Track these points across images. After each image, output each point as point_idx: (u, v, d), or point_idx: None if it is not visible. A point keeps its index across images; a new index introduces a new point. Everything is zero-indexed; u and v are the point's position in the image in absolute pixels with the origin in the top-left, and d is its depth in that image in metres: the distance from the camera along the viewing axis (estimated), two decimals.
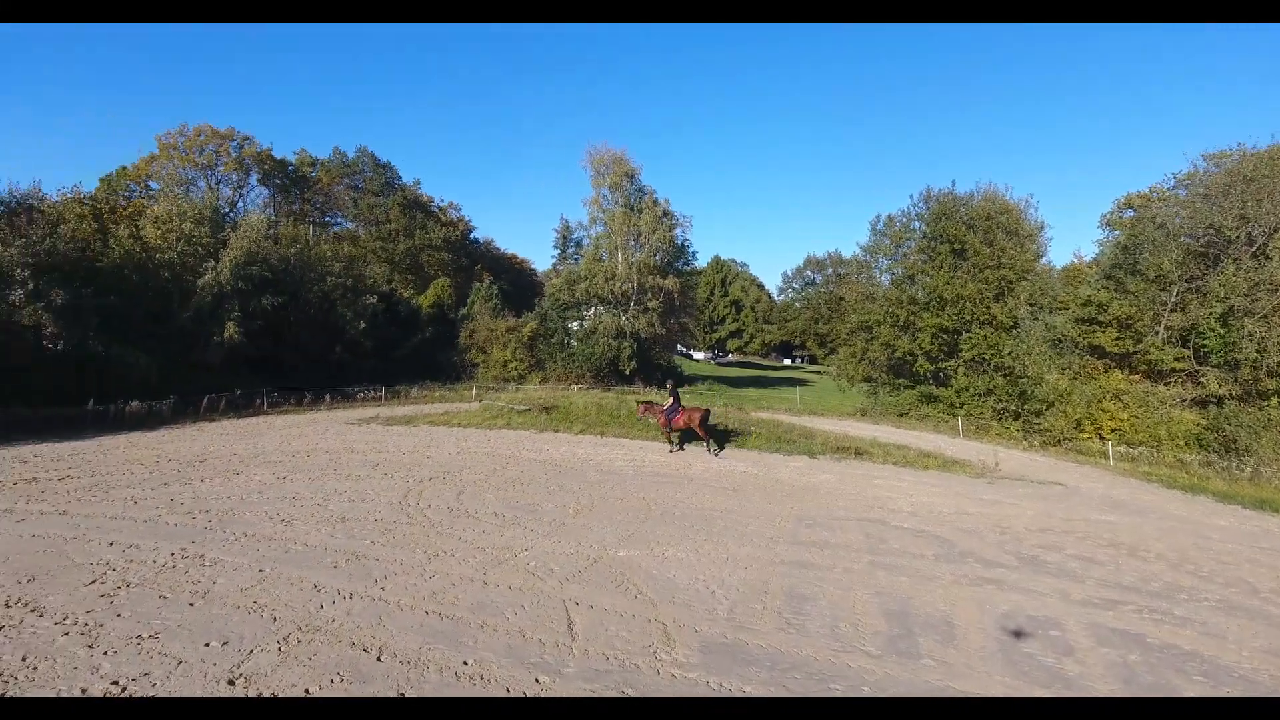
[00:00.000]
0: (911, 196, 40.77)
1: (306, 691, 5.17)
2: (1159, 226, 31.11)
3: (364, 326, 41.23)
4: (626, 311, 47.91)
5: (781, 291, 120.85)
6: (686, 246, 53.98)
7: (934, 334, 32.19)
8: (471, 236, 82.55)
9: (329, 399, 31.09)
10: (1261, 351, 24.33)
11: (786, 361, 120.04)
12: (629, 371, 45.24)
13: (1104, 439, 24.16)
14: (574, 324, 49.00)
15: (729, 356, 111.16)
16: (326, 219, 72.28)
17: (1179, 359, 27.38)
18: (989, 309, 30.97)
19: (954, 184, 35.47)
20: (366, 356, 41.25)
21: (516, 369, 44.98)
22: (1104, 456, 21.99)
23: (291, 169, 66.99)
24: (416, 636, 6.20)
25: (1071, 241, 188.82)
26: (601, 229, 50.65)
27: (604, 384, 41.77)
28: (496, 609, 6.94)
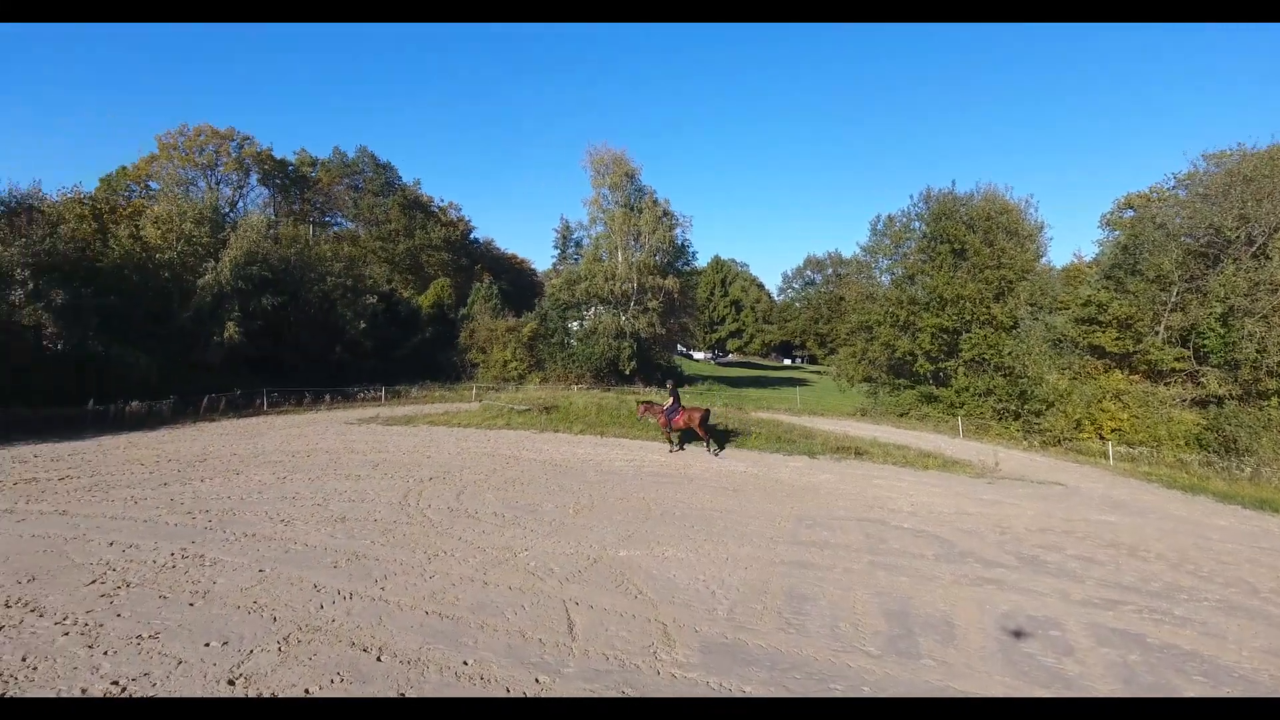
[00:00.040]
0: (911, 196, 40.82)
1: (306, 691, 5.16)
2: (1159, 226, 31.11)
3: (364, 326, 41.23)
4: (626, 311, 47.91)
5: (781, 291, 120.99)
6: (686, 246, 54.06)
7: (934, 334, 32.19)
8: (471, 237, 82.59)
9: (329, 399, 31.09)
10: (1261, 351, 24.32)
11: (786, 361, 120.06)
12: (629, 372, 45.24)
13: (1104, 439, 24.17)
14: (574, 324, 49.00)
15: (729, 356, 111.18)
16: (326, 219, 72.30)
17: (1179, 359, 27.38)
18: (989, 309, 30.97)
19: (954, 184, 35.55)
20: (366, 356, 41.25)
21: (516, 369, 44.99)
22: (1104, 456, 21.99)
23: (291, 169, 67.01)
24: (416, 636, 6.20)
25: (1071, 241, 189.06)
26: (601, 229, 50.67)
27: (604, 384, 41.77)
28: (496, 609, 6.94)
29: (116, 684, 5.18)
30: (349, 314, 40.85)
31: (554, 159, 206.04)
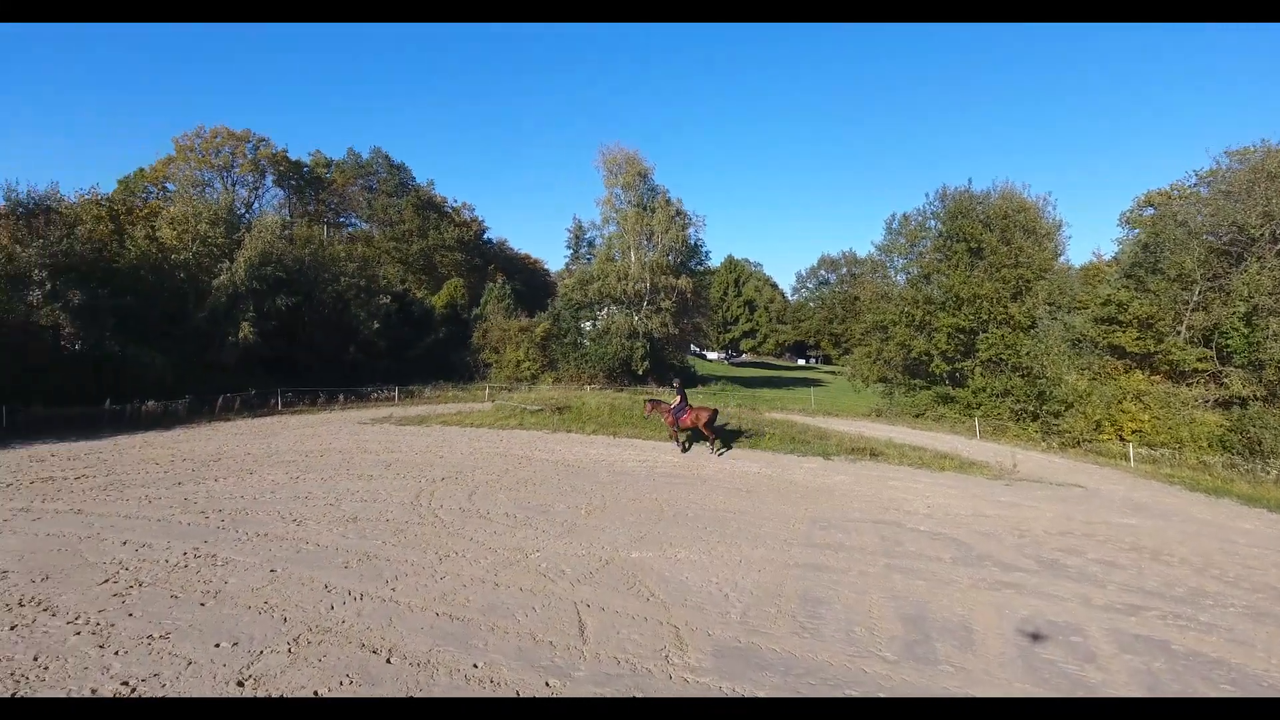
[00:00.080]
0: (927, 195, 40.59)
1: (315, 694, 5.12)
2: (1180, 224, 30.58)
3: (377, 327, 41.46)
4: (639, 311, 47.86)
5: (795, 291, 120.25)
6: (700, 246, 53.90)
7: (950, 334, 31.88)
8: (485, 237, 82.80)
9: (342, 399, 31.28)
10: None
11: (800, 362, 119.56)
12: (642, 372, 45.20)
13: (1124, 440, 23.77)
14: (587, 324, 49.02)
15: (743, 357, 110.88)
16: (341, 220, 72.73)
17: (1201, 359, 26.89)
18: (1006, 308, 30.63)
19: (970, 182, 35.26)
20: (380, 356, 41.46)
21: (529, 369, 45.08)
22: (1124, 458, 21.65)
23: (306, 170, 67.50)
24: (426, 638, 6.14)
25: (1090, 240, 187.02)
26: (614, 229, 50.67)
27: (617, 384, 41.75)
28: (507, 611, 6.88)
29: (126, 684, 5.17)
30: (363, 314, 41.09)
31: (567, 160, 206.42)
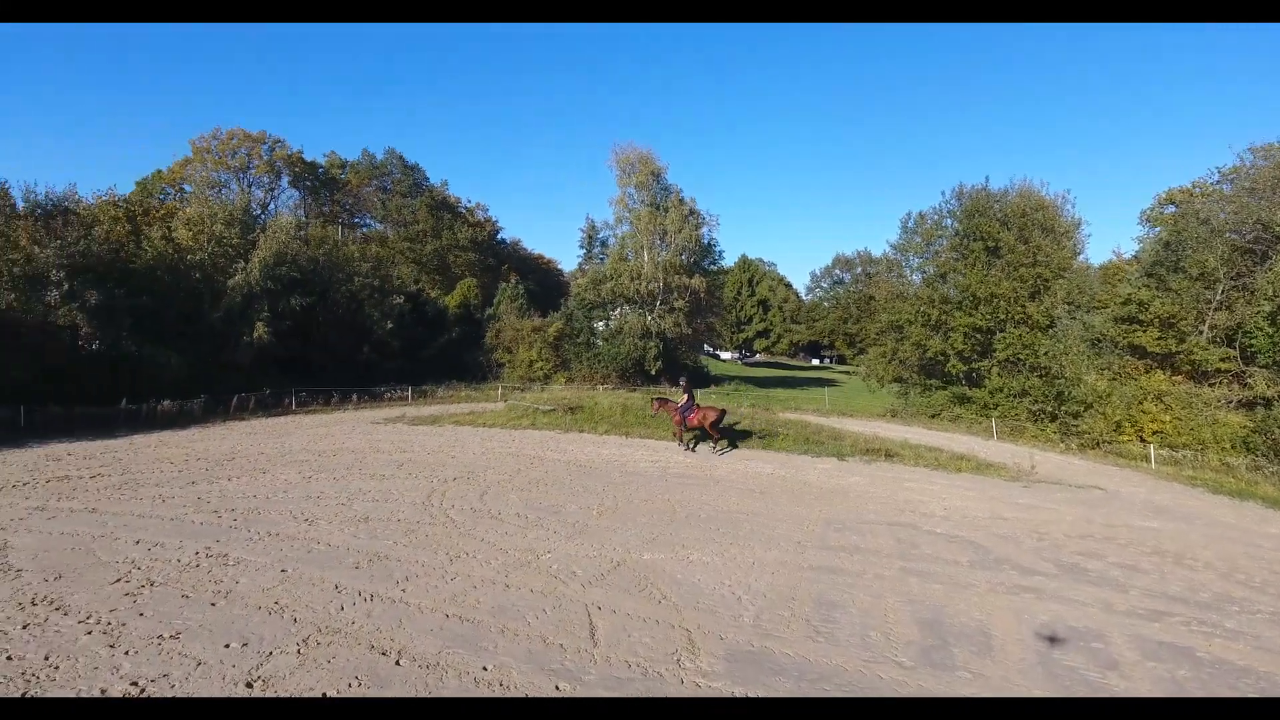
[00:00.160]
0: (944, 193, 40.05)
1: (324, 695, 5.08)
2: (1203, 222, 30.13)
3: (391, 326, 41.60)
4: (652, 311, 47.77)
5: (810, 291, 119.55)
6: (713, 245, 53.63)
7: (967, 333, 31.52)
8: (498, 237, 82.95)
9: (356, 398, 31.40)
10: None
11: (815, 362, 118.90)
12: (654, 372, 45.10)
13: (1145, 442, 23.37)
14: (600, 324, 48.96)
15: (756, 356, 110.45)
16: (355, 220, 73.14)
17: (1225, 359, 26.43)
18: (1024, 308, 30.23)
19: (987, 180, 34.87)
20: (393, 356, 41.61)
21: (542, 369, 45.08)
22: (1145, 460, 21.29)
23: (321, 171, 67.93)
24: (436, 640, 6.10)
25: (1110, 238, 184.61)
26: (627, 228, 50.56)
27: (629, 384, 41.69)
28: (518, 613, 6.82)
29: (135, 684, 5.16)
30: (376, 314, 41.25)
31: (579, 160, 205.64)
